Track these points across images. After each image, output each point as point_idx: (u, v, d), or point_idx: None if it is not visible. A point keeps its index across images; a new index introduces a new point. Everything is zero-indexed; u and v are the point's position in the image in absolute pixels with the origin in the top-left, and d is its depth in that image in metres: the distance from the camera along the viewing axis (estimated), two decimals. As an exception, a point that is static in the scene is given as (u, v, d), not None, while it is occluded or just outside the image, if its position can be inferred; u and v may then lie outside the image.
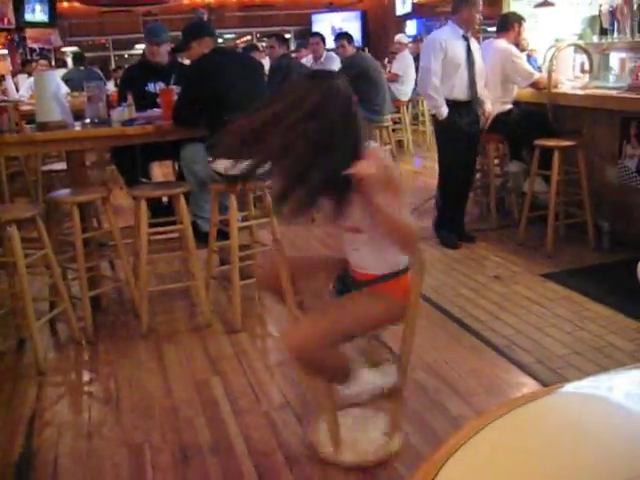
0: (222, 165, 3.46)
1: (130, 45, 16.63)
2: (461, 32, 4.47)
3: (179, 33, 4.13)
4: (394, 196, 1.91)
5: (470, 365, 2.99)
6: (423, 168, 8.07)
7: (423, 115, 9.38)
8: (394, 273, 2.14)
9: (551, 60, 4.71)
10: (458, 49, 4.45)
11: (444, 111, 4.46)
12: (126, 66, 8.37)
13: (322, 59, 7.41)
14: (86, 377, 3.17)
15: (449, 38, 4.46)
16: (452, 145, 4.59)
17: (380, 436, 2.39)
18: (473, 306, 3.66)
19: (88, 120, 3.91)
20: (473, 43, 4.54)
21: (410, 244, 2.00)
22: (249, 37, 17.46)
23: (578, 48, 5.16)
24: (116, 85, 9.12)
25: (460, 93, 4.49)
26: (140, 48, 14.49)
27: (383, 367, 2.27)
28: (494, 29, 5.10)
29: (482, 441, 1.03)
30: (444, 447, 1.01)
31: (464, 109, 4.52)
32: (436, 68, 4.40)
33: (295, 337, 2.04)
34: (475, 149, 4.77)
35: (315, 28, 14.62)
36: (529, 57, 5.52)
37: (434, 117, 4.67)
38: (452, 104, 4.47)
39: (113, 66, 14.58)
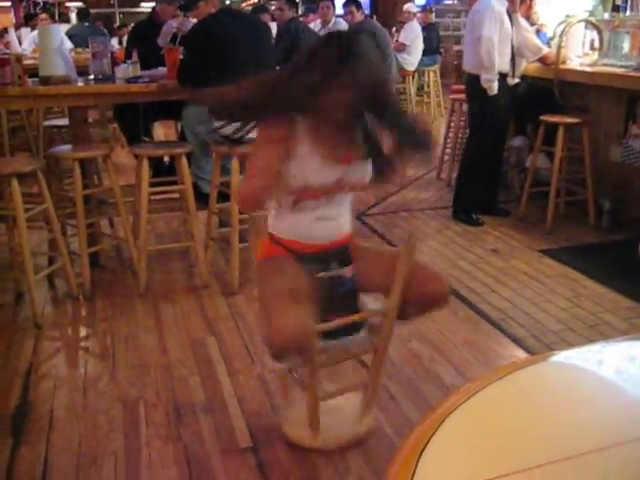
0: (230, 128, 3.45)
1: (136, 3, 16.42)
2: (507, 4, 4.40)
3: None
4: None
5: (465, 336, 3.01)
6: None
7: (429, 86, 9.31)
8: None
9: (561, 36, 4.66)
10: (508, 22, 4.36)
11: (496, 86, 4.35)
12: (132, 24, 8.28)
13: (330, 24, 7.31)
14: (83, 333, 3.19)
15: (503, 10, 4.35)
16: (493, 120, 4.50)
17: (354, 414, 2.29)
18: (470, 278, 3.67)
19: (92, 76, 3.88)
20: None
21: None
22: (256, 0, 17.24)
23: (589, 24, 5.10)
24: (120, 43, 9.04)
25: (506, 66, 4.41)
26: (146, 6, 14.33)
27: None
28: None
29: (472, 407, 1.04)
30: (435, 413, 1.02)
31: (505, 82, 4.44)
32: (495, 39, 4.28)
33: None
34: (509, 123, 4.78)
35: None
36: (538, 32, 5.45)
37: (476, 92, 4.47)
38: (501, 77, 4.40)
39: (117, 23, 14.42)
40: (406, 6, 9.11)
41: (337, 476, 2.11)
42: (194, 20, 4.26)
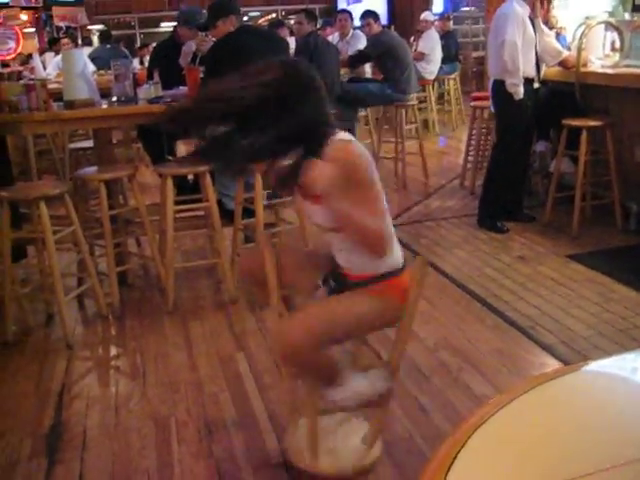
0: None
1: (156, 23, 16.62)
2: (528, 10, 4.34)
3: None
4: (359, 193, 1.83)
5: (493, 345, 2.99)
6: (448, 147, 8.03)
7: (449, 94, 9.30)
8: (391, 272, 2.01)
9: (580, 38, 4.62)
10: (530, 26, 4.31)
11: (519, 91, 4.29)
12: (154, 44, 8.39)
13: (348, 37, 7.35)
14: (113, 351, 3.22)
15: (525, 14, 4.29)
16: (520, 125, 4.46)
17: (360, 444, 2.19)
18: (497, 286, 3.65)
19: (115, 98, 3.93)
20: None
21: (376, 246, 1.90)
22: (274, 15, 17.36)
23: (609, 26, 5.06)
24: (141, 63, 9.16)
25: (531, 71, 4.36)
26: (166, 26, 14.50)
27: (372, 372, 2.09)
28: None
29: (503, 419, 1.04)
30: (468, 422, 1.02)
31: (531, 87, 4.40)
32: (519, 43, 4.22)
33: (290, 337, 1.86)
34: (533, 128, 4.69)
35: (340, 6, 14.51)
36: (558, 35, 5.43)
37: (502, 97, 4.42)
38: (527, 82, 4.34)
39: (138, 44, 14.61)
40: (423, 15, 9.11)
41: (369, 489, 2.11)
42: (213, 39, 4.30)
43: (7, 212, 3.15)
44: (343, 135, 1.88)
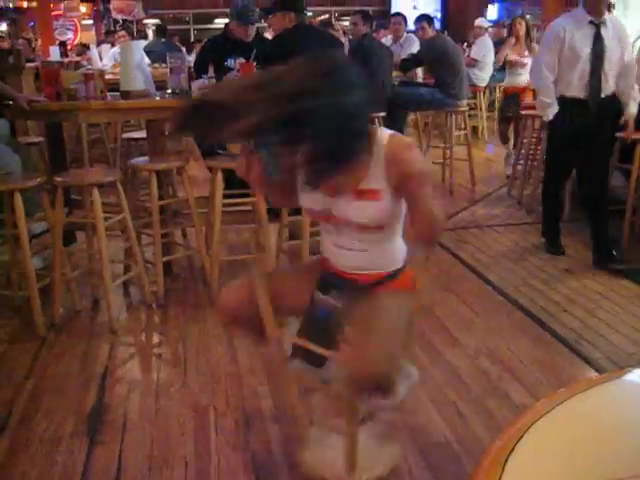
0: None
1: (210, 20, 16.83)
2: (588, 18, 3.78)
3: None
4: (428, 187, 1.83)
5: (535, 356, 2.96)
6: (496, 156, 7.93)
7: (499, 102, 9.19)
8: (403, 266, 2.00)
9: (639, 51, 4.54)
10: (581, 38, 3.79)
11: (550, 112, 3.93)
12: (206, 39, 8.50)
13: (402, 40, 7.34)
14: (156, 339, 3.28)
15: (571, 26, 3.81)
16: (560, 153, 4.10)
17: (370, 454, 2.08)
18: (541, 297, 3.60)
19: (169, 90, 4.00)
20: (606, 30, 3.81)
21: (437, 236, 1.93)
22: (326, 15, 17.42)
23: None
24: (196, 58, 9.28)
25: (576, 90, 3.87)
26: (219, 23, 14.67)
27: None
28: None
29: (563, 412, 1.04)
30: (526, 416, 1.03)
31: (579, 109, 3.89)
32: (549, 60, 3.86)
33: (375, 369, 1.74)
34: (600, 159, 4.01)
35: (394, 9, 14.48)
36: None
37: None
38: (566, 103, 3.90)
39: (192, 39, 14.82)
40: (477, 21, 9.05)
41: (404, 491, 2.10)
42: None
43: (61, 197, 3.22)
44: (387, 130, 1.88)
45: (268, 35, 5.56)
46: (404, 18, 7.60)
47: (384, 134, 1.84)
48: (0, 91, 3.85)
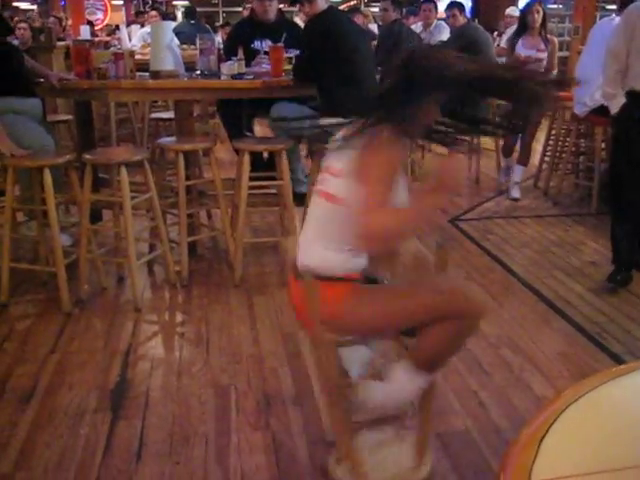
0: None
1: (239, 2, 16.78)
2: None
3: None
4: None
5: (558, 348, 2.94)
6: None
7: (529, 92, 9.09)
8: None
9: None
10: None
11: (615, 103, 3.47)
12: (233, 23, 8.49)
13: (432, 27, 7.27)
14: (179, 318, 3.30)
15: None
16: (631, 157, 3.45)
17: (407, 463, 2.04)
18: (565, 290, 3.57)
19: (198, 72, 4.01)
20: None
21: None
22: (355, 1, 17.32)
23: None
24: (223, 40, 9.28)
25: None
26: (248, 7, 14.65)
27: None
28: (613, 7, 4.87)
29: (598, 396, 1.06)
30: (564, 396, 1.04)
31: None
32: (618, 48, 3.41)
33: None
34: None
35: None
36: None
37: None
38: (636, 97, 3.39)
39: (220, 22, 14.81)
40: (508, 10, 8.95)
41: None
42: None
43: (90, 174, 3.25)
44: None
45: (299, 20, 5.54)
46: (435, 4, 7.50)
47: None
48: (31, 69, 3.89)
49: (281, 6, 7.55)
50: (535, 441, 0.94)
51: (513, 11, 8.89)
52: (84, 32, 8.01)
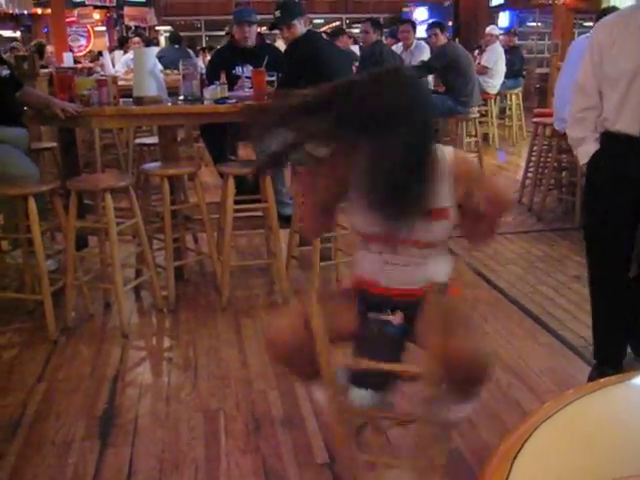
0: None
1: (222, 26, 16.91)
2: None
3: (271, 16, 4.20)
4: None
5: (545, 363, 2.96)
6: (507, 163, 7.95)
7: (510, 109, 9.21)
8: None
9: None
10: (634, 47, 2.36)
11: (582, 152, 2.57)
12: (215, 46, 8.55)
13: (412, 47, 7.36)
14: (167, 343, 3.29)
15: (620, 29, 2.41)
16: (606, 219, 2.58)
17: None
18: (551, 304, 3.60)
19: (182, 97, 4.03)
20: None
21: (509, 204, 2.09)
22: (338, 23, 17.49)
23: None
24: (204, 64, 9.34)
25: (628, 124, 2.38)
26: (227, 31, 14.76)
27: None
28: (591, 24, 4.96)
29: (571, 412, 1.06)
30: (536, 415, 1.05)
31: (634, 151, 2.41)
32: (584, 80, 2.53)
33: (463, 350, 1.70)
34: None
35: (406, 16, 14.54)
36: None
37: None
38: (611, 141, 2.47)
39: (203, 45, 14.90)
40: (488, 29, 9.07)
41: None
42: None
43: (75, 201, 3.25)
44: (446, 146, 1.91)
45: (280, 44, 5.59)
46: (413, 25, 7.60)
47: (446, 150, 1.84)
48: (36, 99, 3.77)
49: (263, 28, 7.62)
50: (509, 457, 0.95)
51: (493, 29, 9.02)
52: (67, 59, 8.06)
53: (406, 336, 1.90)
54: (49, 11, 13.01)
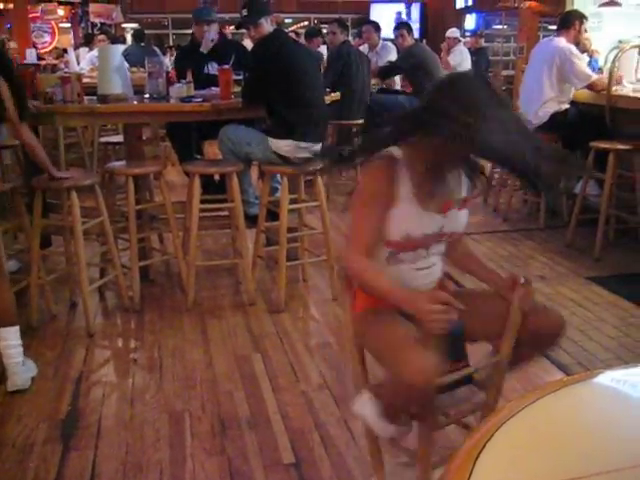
0: (286, 147, 3.55)
1: (188, 24, 16.78)
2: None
3: (237, 15, 4.18)
4: None
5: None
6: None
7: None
8: None
9: (613, 62, 4.62)
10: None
11: None
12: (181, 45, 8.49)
13: (378, 48, 7.37)
14: (132, 344, 3.26)
15: None
16: None
17: None
18: (516, 304, 3.64)
19: (147, 95, 3.99)
20: None
21: None
22: (306, 23, 17.49)
23: (642, 50, 5.02)
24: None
25: None
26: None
27: None
28: (555, 27, 5.04)
29: (533, 412, 1.07)
30: (497, 415, 1.06)
31: None
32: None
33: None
34: None
35: (373, 17, 14.55)
36: (591, 58, 5.43)
37: None
38: None
39: (170, 43, 14.77)
40: (448, 32, 9.03)
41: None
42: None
43: (39, 200, 3.20)
44: None
45: (247, 43, 5.57)
46: (375, 26, 7.57)
47: None
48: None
49: (231, 28, 7.59)
50: (472, 456, 0.95)
51: (453, 33, 9.02)
52: (30, 56, 7.92)
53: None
54: (11, 6, 12.77)
